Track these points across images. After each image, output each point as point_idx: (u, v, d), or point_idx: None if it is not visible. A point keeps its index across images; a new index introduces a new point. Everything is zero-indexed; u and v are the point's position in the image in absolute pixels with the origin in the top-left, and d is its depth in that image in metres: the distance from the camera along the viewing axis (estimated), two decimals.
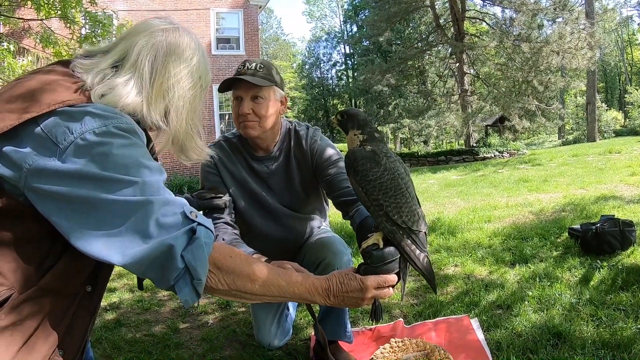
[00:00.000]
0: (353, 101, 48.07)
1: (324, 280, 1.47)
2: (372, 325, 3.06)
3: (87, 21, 6.85)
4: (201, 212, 1.95)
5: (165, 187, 1.22)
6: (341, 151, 2.52)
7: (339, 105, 52.51)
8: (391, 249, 1.53)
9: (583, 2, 27.32)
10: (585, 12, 25.42)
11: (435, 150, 23.89)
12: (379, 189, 1.56)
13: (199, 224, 1.18)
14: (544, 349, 2.55)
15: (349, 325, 2.54)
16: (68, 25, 6.73)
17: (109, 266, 1.38)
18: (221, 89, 2.34)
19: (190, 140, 1.42)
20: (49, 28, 7.19)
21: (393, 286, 1.52)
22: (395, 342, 2.38)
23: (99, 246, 1.11)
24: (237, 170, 2.49)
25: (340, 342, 2.59)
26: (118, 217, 1.12)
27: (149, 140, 1.37)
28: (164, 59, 1.33)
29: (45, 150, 1.13)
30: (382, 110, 30.43)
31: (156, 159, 1.42)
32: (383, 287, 1.50)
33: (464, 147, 22.60)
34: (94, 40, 6.82)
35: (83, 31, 6.96)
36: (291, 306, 3.11)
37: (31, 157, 1.12)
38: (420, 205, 1.67)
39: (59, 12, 6.50)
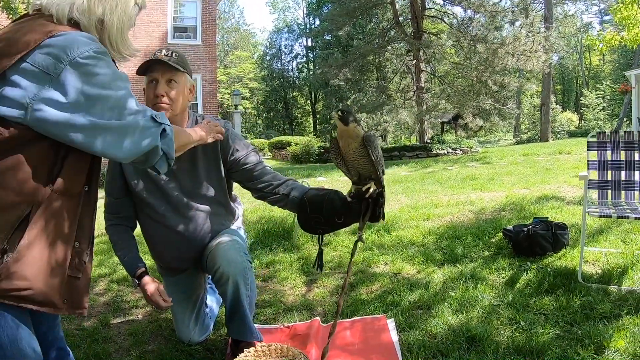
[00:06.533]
0: (313, 94, 47.95)
1: (199, 133, 2.15)
2: (290, 323, 3.15)
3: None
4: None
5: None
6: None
7: (298, 98, 52.36)
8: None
9: (543, 6, 27.77)
10: (544, 16, 25.84)
11: (389, 146, 23.94)
12: (382, 156, 2.38)
13: (164, 123, 1.61)
14: (456, 352, 2.50)
15: (253, 326, 2.61)
16: (10, 16, 6.56)
17: (98, 168, 1.68)
18: (139, 72, 2.44)
19: (120, 36, 1.68)
20: None
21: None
22: (261, 346, 2.33)
23: (109, 149, 1.49)
24: None
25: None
26: (116, 128, 1.49)
27: None
28: None
29: (39, 81, 1.38)
30: (341, 104, 30.42)
31: None
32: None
33: (418, 143, 22.72)
34: None
35: None
36: (215, 303, 3.20)
37: (30, 91, 1.37)
38: None
39: (2, 3, 6.33)
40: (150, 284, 2.48)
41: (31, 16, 1.54)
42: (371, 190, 2.36)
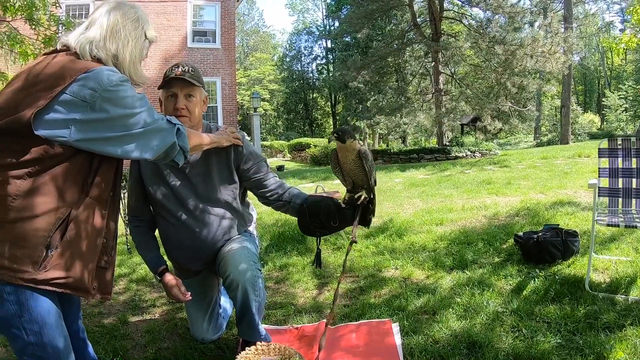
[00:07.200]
0: (333, 96, 47.80)
1: (214, 137, 2.52)
2: (299, 325, 3.27)
3: (52, 23, 6.91)
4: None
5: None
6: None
7: (318, 99, 52.28)
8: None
9: (562, 6, 27.49)
10: (564, 16, 25.55)
11: (408, 148, 23.78)
12: (374, 167, 2.69)
13: (177, 124, 1.97)
14: (456, 357, 2.57)
15: (261, 328, 2.75)
16: (33, 27, 6.78)
17: (120, 177, 2.03)
18: (160, 86, 2.66)
19: (132, 68, 1.98)
20: (15, 29, 7.21)
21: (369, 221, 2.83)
22: (261, 345, 2.46)
23: (139, 152, 1.84)
24: (155, 164, 2.70)
25: None
26: (142, 134, 1.83)
27: None
28: (115, 12, 1.92)
29: (78, 108, 1.69)
30: (360, 106, 30.35)
31: None
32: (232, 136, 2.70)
33: (436, 146, 22.56)
34: (57, 40, 6.89)
35: (48, 32, 6.97)
36: (228, 304, 3.30)
37: (72, 116, 1.69)
38: None
39: (25, 14, 6.53)
40: (171, 280, 2.66)
41: (60, 52, 1.86)
42: (362, 197, 2.67)
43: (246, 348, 2.46)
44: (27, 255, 1.67)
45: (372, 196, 2.75)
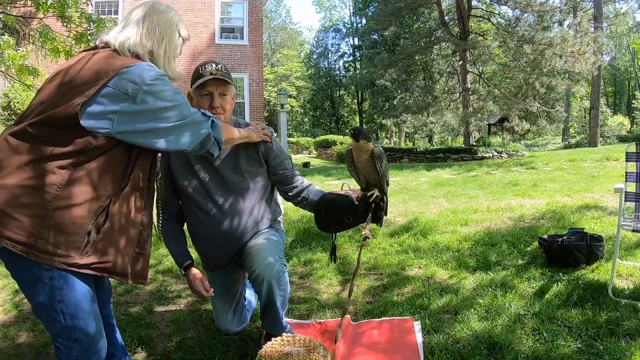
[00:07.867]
0: (359, 93, 47.67)
1: (245, 132, 2.63)
2: (322, 320, 3.34)
3: (83, 20, 7.07)
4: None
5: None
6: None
7: (345, 96, 52.20)
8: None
9: (592, 5, 27.06)
10: (594, 15, 25.14)
11: (434, 147, 23.61)
12: (387, 168, 2.87)
13: (212, 117, 2.09)
14: (476, 357, 2.60)
15: (284, 321, 2.83)
16: (65, 24, 6.93)
17: (155, 168, 2.13)
18: (196, 86, 2.70)
19: (167, 64, 2.09)
20: (47, 25, 7.40)
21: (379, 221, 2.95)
22: (287, 336, 2.50)
23: (175, 142, 1.93)
24: (186, 158, 2.76)
25: None
26: (180, 126, 1.93)
27: None
28: (150, 12, 2.03)
29: (120, 100, 1.79)
30: (387, 104, 30.26)
31: None
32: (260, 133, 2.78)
33: (463, 146, 22.40)
34: (88, 38, 7.04)
35: (79, 29, 7.14)
36: (253, 297, 3.37)
37: (114, 108, 1.78)
38: None
39: (56, 12, 6.68)
40: (195, 275, 2.75)
41: (101, 49, 1.96)
42: (374, 196, 2.84)
43: (272, 339, 2.52)
44: (70, 241, 1.76)
45: (384, 195, 2.89)
